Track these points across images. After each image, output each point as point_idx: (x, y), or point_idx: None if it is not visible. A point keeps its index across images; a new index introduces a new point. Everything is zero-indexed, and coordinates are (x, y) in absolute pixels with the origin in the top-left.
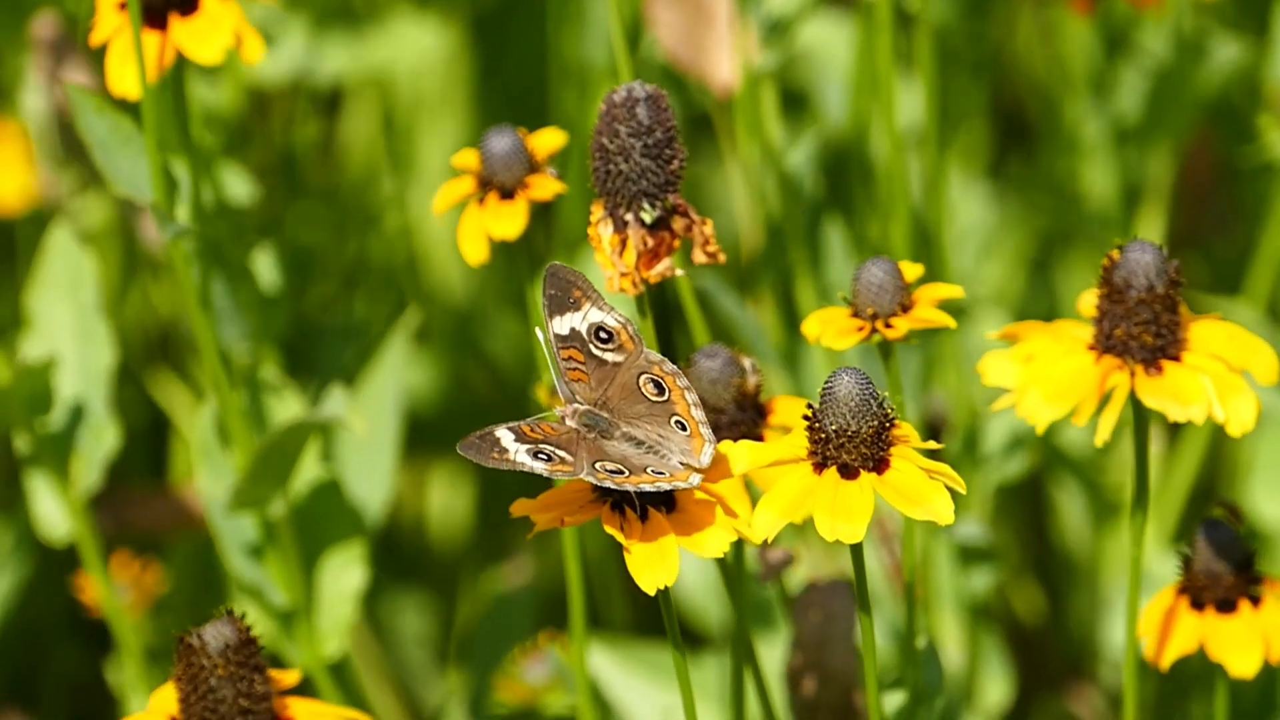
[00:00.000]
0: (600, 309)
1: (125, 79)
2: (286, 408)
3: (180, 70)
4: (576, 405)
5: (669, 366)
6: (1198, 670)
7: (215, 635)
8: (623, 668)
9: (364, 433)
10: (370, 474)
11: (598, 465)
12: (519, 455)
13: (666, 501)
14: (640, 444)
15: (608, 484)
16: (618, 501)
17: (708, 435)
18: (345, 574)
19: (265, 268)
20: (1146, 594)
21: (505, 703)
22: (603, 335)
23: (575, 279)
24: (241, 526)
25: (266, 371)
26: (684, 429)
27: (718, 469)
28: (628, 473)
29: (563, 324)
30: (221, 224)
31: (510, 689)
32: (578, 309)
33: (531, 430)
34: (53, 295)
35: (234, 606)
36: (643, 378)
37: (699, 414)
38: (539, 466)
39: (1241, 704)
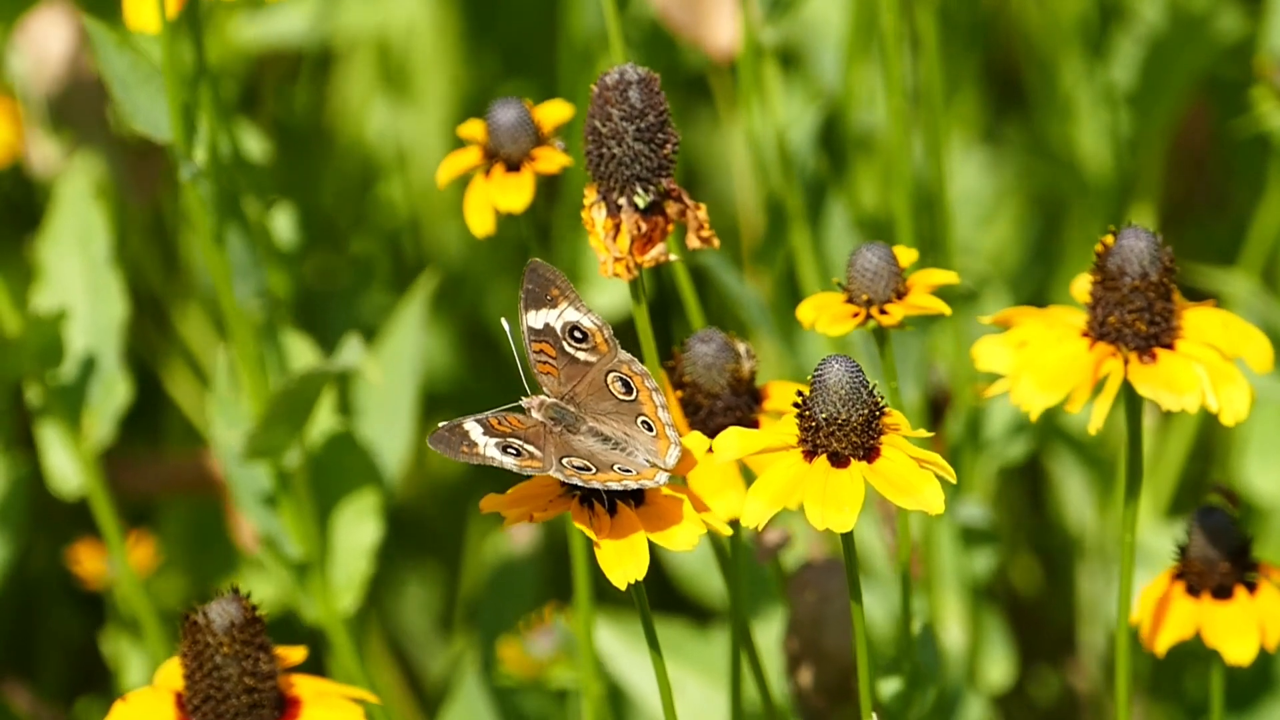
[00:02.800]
0: (577, 309)
1: (144, 14)
2: (302, 358)
3: (195, 9)
4: (543, 398)
5: (638, 366)
6: (1192, 647)
7: (220, 613)
8: (626, 643)
9: (379, 381)
10: (389, 429)
11: (565, 461)
12: (488, 450)
13: (635, 495)
14: (607, 440)
15: (575, 481)
16: (586, 496)
17: (673, 438)
18: (360, 527)
19: (281, 225)
20: (1141, 570)
21: (511, 675)
22: (577, 335)
23: (554, 278)
24: (256, 476)
25: (282, 323)
26: (650, 429)
27: (682, 466)
28: (595, 470)
29: (537, 319)
30: (238, 176)
31: (516, 661)
32: (554, 306)
33: (499, 423)
34: (63, 248)
35: (232, 577)
36: (611, 376)
37: (665, 416)
38: (508, 462)
39: (1236, 684)
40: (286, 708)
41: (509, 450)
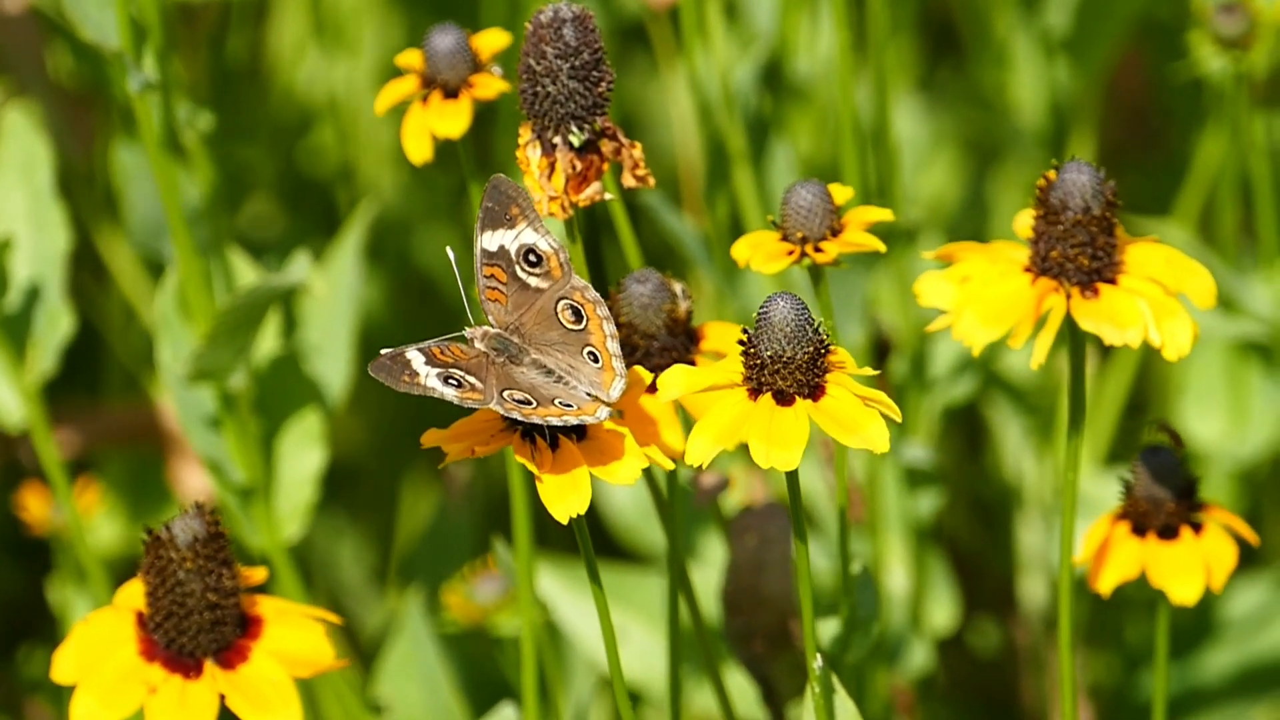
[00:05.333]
0: (535, 230)
1: None
2: (247, 277)
3: None
4: (487, 329)
5: (591, 294)
6: (1132, 594)
7: (184, 528)
8: (568, 588)
9: (324, 293)
10: (330, 353)
11: (505, 394)
12: (429, 380)
13: (577, 430)
14: (550, 373)
15: (515, 415)
16: (528, 430)
17: (619, 369)
18: (305, 454)
19: (218, 166)
20: (1080, 519)
21: (455, 621)
22: (531, 259)
23: (516, 195)
24: (201, 399)
25: (227, 244)
26: (596, 360)
27: (627, 398)
28: (535, 404)
29: (492, 240)
30: (179, 107)
31: (460, 608)
32: (512, 226)
33: (441, 353)
34: (7, 179)
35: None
36: (562, 304)
37: (614, 346)
38: (449, 393)
39: (1177, 626)
40: (249, 625)
41: (450, 381)
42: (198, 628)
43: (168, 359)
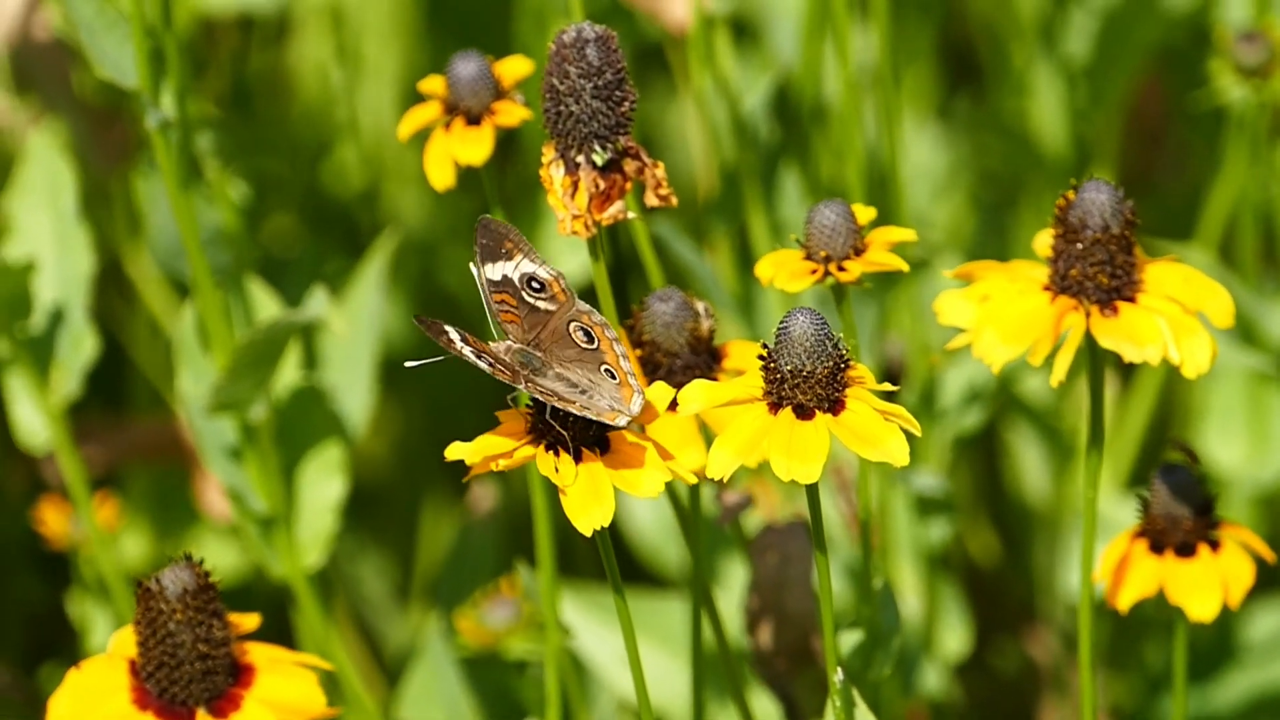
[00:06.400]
0: (532, 261)
1: None
2: (267, 310)
3: None
4: (509, 343)
5: (597, 317)
6: (1152, 615)
7: (173, 580)
8: (586, 613)
9: (343, 331)
10: (351, 385)
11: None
12: (465, 351)
13: (601, 443)
14: (574, 385)
15: (539, 398)
16: (552, 443)
17: (636, 385)
18: (326, 483)
19: (238, 189)
20: (1101, 538)
21: (467, 645)
22: (535, 285)
23: (507, 232)
24: (221, 430)
25: (247, 276)
26: (614, 377)
27: (649, 414)
28: (560, 399)
29: (495, 270)
30: (197, 136)
31: (472, 632)
32: (510, 259)
33: (475, 342)
34: (32, 201)
35: (196, 543)
36: (573, 325)
37: (627, 365)
38: (482, 365)
39: (1197, 649)
40: (240, 674)
41: (482, 358)
42: (189, 677)
43: (188, 389)
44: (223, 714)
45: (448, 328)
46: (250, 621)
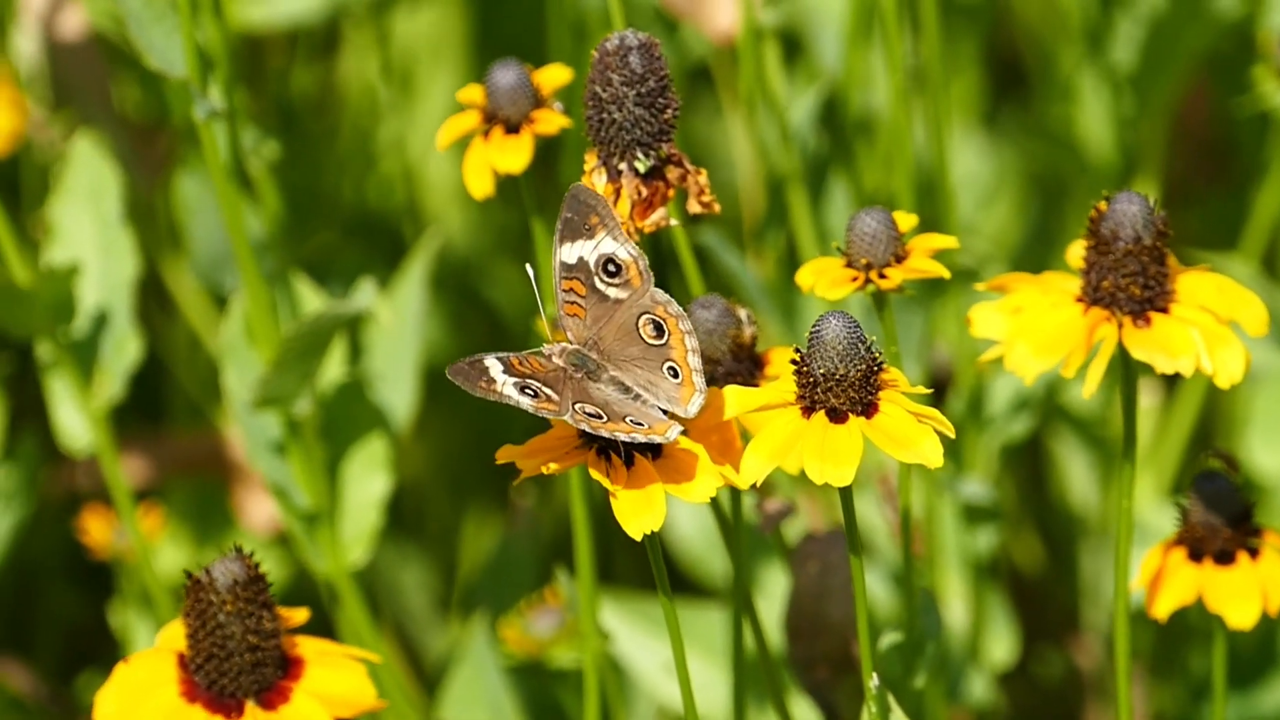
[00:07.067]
0: (615, 239)
1: None
2: (313, 304)
3: None
4: (565, 344)
5: (674, 308)
6: (1195, 622)
7: (223, 571)
8: (628, 622)
9: (389, 322)
10: (395, 380)
11: (577, 407)
12: (506, 388)
13: (653, 447)
14: (626, 390)
15: (584, 427)
16: (604, 447)
17: (699, 384)
18: (369, 480)
19: (283, 201)
20: (1142, 545)
21: (512, 655)
22: (610, 269)
23: (596, 204)
24: (266, 425)
25: (293, 275)
26: (676, 375)
27: (708, 416)
28: (606, 419)
29: (571, 252)
30: (244, 137)
31: (517, 641)
32: (591, 236)
33: (520, 364)
34: (75, 205)
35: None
36: (643, 318)
37: (695, 361)
38: (525, 402)
39: (1240, 656)
40: (289, 667)
41: (526, 390)
42: (239, 669)
43: (234, 385)
44: (272, 706)
45: (488, 362)
46: (299, 615)
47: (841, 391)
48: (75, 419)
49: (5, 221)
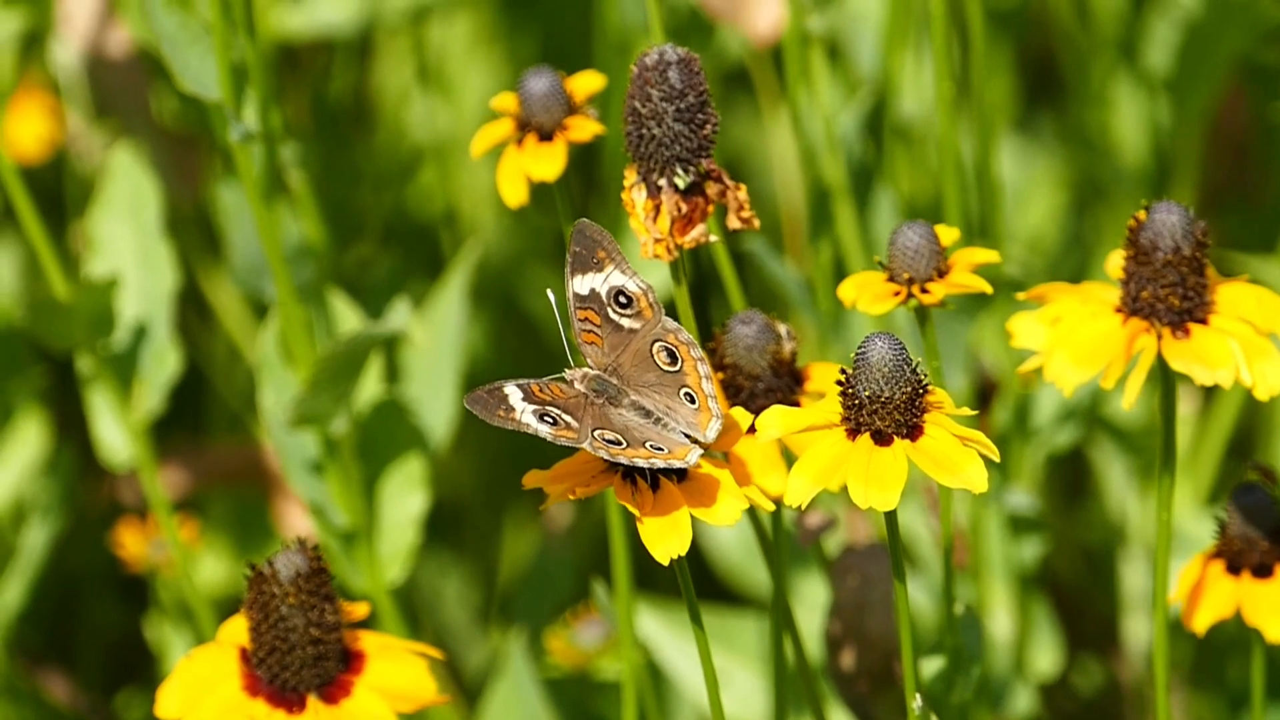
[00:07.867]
0: (623, 272)
1: None
2: (349, 323)
3: None
4: (586, 370)
5: (684, 335)
6: (1234, 633)
7: (286, 563)
8: (670, 630)
9: (425, 343)
10: (434, 398)
11: (597, 433)
12: (525, 416)
13: (679, 471)
14: (647, 414)
15: (602, 454)
16: (629, 471)
17: (715, 410)
18: (407, 497)
19: (320, 207)
20: (1181, 555)
21: (558, 666)
22: (622, 300)
23: (601, 239)
24: (303, 444)
25: (328, 290)
26: (693, 401)
27: (726, 440)
28: (626, 444)
29: (583, 284)
30: (283, 149)
31: (563, 652)
32: (600, 270)
33: (540, 390)
34: (115, 217)
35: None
36: (656, 346)
37: (709, 387)
38: (544, 430)
39: (1278, 673)
40: (351, 660)
41: (545, 419)
42: (301, 663)
43: (270, 404)
44: (334, 700)
45: (507, 390)
46: (361, 609)
47: (887, 414)
48: (115, 433)
49: (45, 236)
